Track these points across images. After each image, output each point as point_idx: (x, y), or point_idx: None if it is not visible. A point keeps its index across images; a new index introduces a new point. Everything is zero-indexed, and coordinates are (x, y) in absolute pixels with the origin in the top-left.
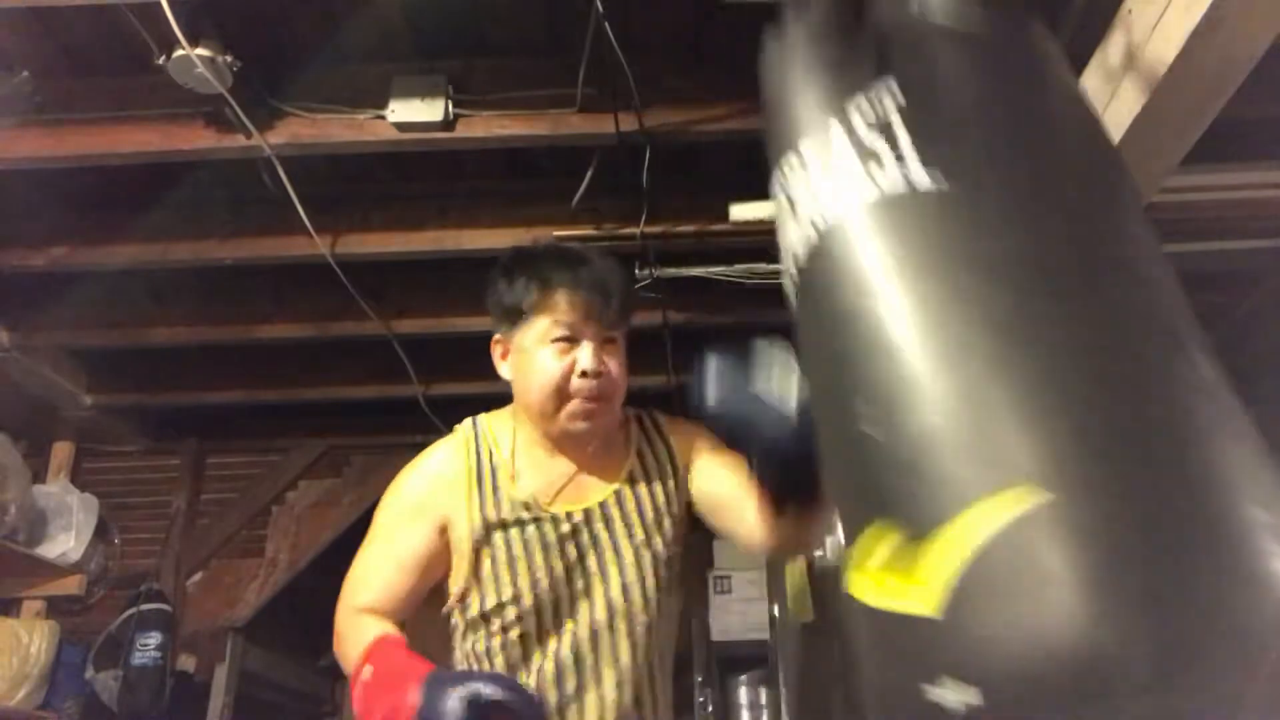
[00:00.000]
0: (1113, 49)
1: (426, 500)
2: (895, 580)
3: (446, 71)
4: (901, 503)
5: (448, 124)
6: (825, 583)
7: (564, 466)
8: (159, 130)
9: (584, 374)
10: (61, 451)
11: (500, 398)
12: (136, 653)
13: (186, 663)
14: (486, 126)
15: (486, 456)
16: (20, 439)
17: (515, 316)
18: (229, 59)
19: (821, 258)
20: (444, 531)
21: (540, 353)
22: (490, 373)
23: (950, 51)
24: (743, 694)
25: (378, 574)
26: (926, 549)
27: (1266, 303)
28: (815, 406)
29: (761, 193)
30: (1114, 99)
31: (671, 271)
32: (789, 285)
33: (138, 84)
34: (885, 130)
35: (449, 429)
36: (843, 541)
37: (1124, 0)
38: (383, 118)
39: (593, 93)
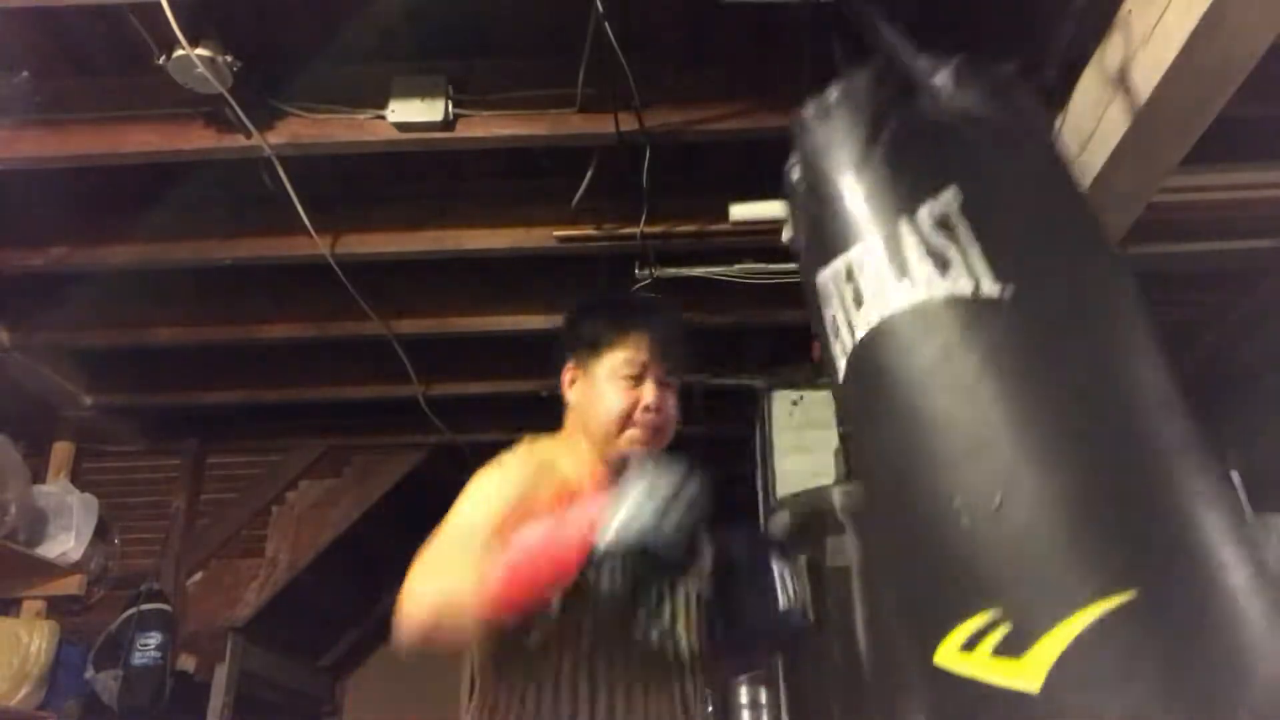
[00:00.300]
0: (1113, 49)
1: (528, 483)
2: (1001, 661)
3: (446, 71)
4: (1009, 594)
5: (448, 124)
6: (825, 585)
7: None
8: (159, 130)
9: (647, 408)
10: (61, 451)
11: (499, 398)
12: (136, 653)
13: (186, 663)
14: (486, 126)
15: (556, 466)
16: (20, 439)
17: (593, 349)
18: (229, 59)
19: (882, 348)
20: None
21: (611, 384)
22: (490, 373)
23: (999, 152)
24: (743, 694)
25: (475, 521)
26: (1036, 639)
27: (1266, 303)
28: (889, 495)
29: (761, 193)
30: (1114, 99)
31: (671, 271)
32: (839, 359)
33: (138, 84)
34: (951, 235)
35: (449, 429)
36: (924, 615)
37: (1124, 1)
38: (383, 118)
39: (593, 93)
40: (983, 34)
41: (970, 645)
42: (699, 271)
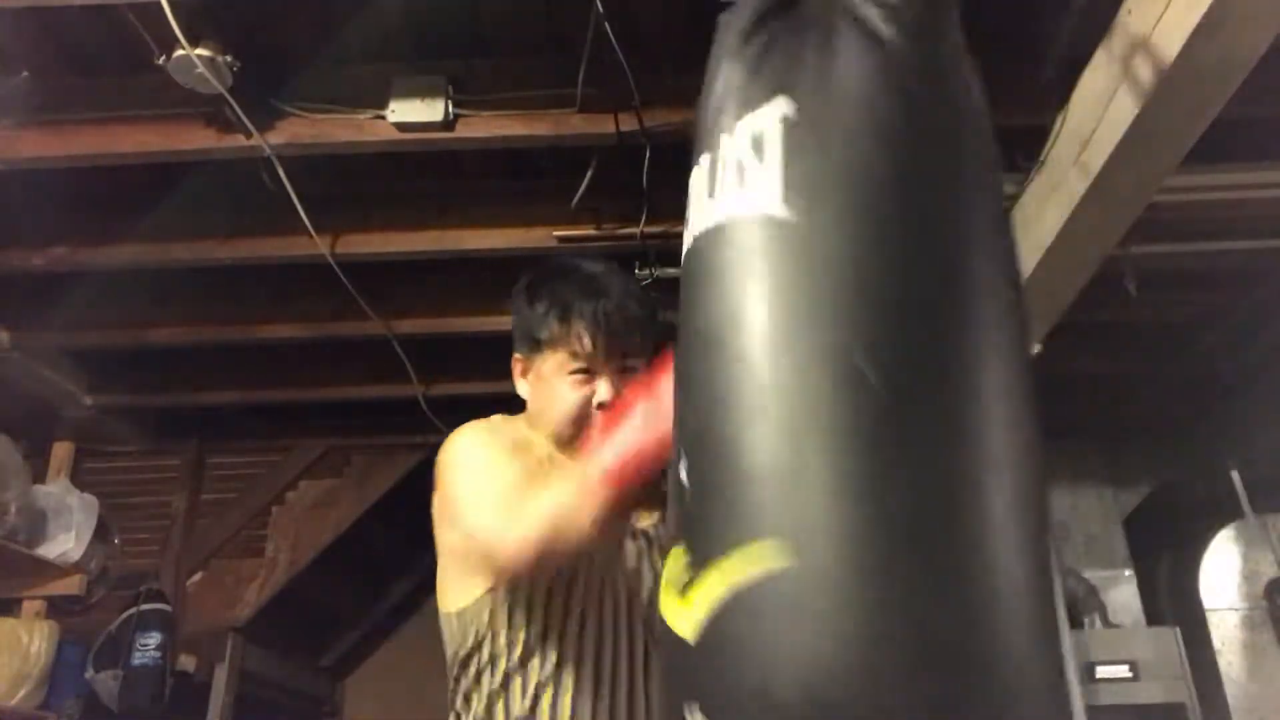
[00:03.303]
0: (1113, 50)
1: (509, 444)
2: (677, 602)
3: (446, 71)
4: (693, 531)
5: (448, 124)
6: None
7: None
8: (159, 130)
9: (601, 405)
10: (61, 451)
11: (499, 398)
12: (136, 653)
13: (186, 663)
14: (486, 126)
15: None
16: (20, 439)
17: (535, 344)
18: (229, 59)
19: (691, 261)
20: None
21: (559, 383)
22: (490, 373)
23: (858, 64)
24: None
25: (504, 469)
26: (699, 579)
27: (1266, 303)
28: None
29: None
30: (1114, 99)
31: (672, 271)
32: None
33: (138, 84)
34: (760, 151)
35: (449, 429)
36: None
37: (1124, 1)
38: (383, 118)
39: (593, 93)
40: (982, 33)
41: (665, 581)
42: None
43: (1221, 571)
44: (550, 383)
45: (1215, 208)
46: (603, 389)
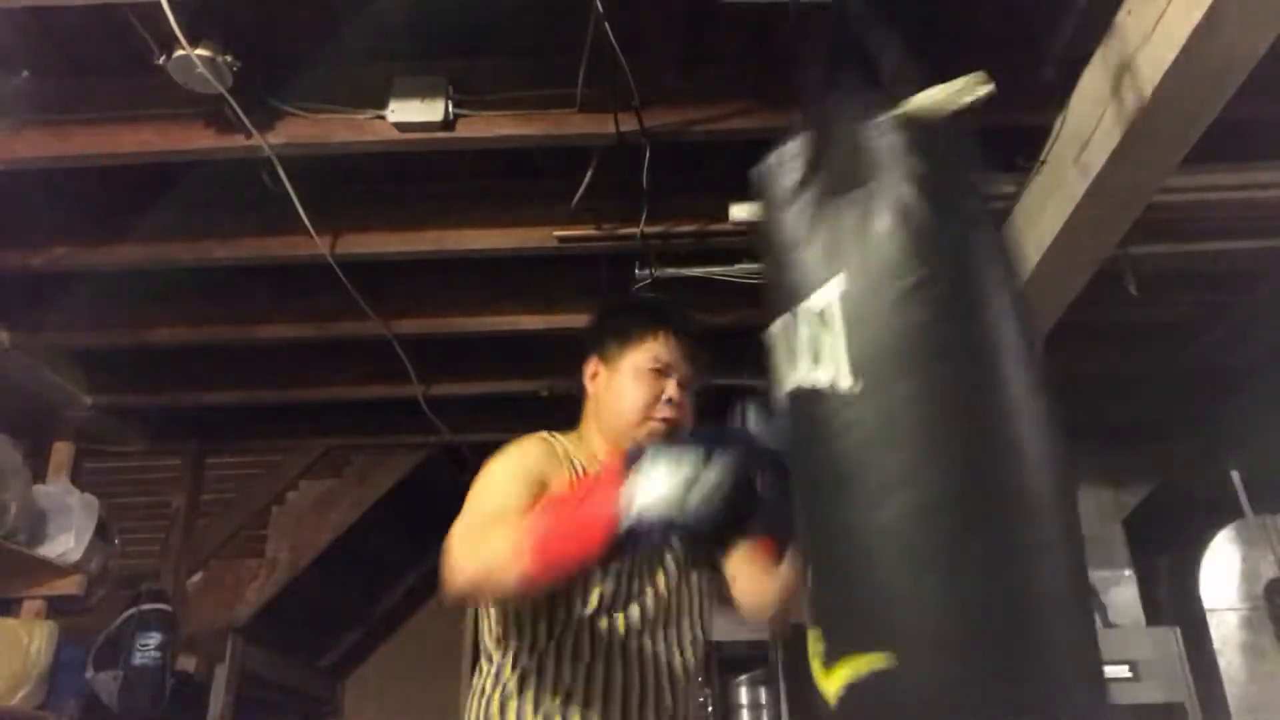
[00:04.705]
0: (1113, 50)
1: (545, 464)
2: (821, 671)
3: (446, 71)
4: (826, 628)
5: (448, 124)
6: None
7: None
8: (159, 130)
9: (669, 400)
10: (61, 451)
11: (499, 398)
12: (136, 653)
13: (186, 663)
14: (486, 126)
15: (571, 457)
16: (20, 439)
17: (621, 342)
18: (229, 59)
19: (792, 415)
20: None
21: (635, 377)
22: (490, 373)
23: (898, 237)
24: (743, 694)
25: (504, 494)
26: (834, 666)
27: (1266, 303)
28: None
29: None
30: (1114, 99)
31: (671, 271)
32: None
33: (138, 84)
34: (826, 327)
35: (449, 429)
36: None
37: (1124, 1)
38: (383, 118)
39: (593, 93)
40: (983, 34)
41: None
42: (699, 271)
43: (1221, 571)
44: (626, 379)
45: (1215, 208)
46: (672, 387)
